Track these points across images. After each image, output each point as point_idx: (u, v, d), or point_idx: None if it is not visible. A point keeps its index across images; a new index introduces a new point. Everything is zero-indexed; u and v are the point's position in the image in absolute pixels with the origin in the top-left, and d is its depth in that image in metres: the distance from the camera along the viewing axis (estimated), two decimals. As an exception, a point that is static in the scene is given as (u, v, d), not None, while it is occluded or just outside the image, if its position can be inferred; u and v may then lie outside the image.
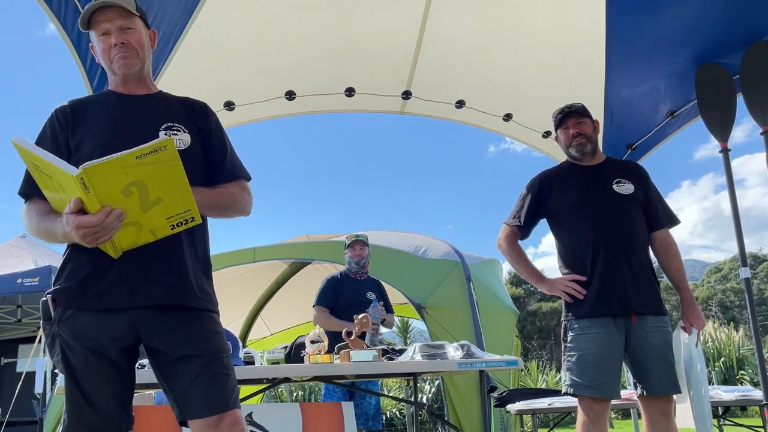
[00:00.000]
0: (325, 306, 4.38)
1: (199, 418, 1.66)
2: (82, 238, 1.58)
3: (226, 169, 1.91)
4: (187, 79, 3.72)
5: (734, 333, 11.52)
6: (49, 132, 1.84)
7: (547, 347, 20.09)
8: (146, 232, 1.65)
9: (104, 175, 1.51)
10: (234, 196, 1.88)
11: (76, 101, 1.91)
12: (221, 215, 1.89)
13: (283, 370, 3.11)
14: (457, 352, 3.25)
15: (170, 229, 1.66)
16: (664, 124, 4.54)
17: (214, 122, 1.96)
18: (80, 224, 1.55)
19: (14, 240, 8.00)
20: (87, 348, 1.71)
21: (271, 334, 9.24)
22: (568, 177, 2.85)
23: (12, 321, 8.70)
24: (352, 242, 4.48)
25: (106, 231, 1.57)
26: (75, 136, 1.82)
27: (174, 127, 1.83)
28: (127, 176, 1.52)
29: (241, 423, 1.70)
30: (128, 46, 1.84)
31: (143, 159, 1.50)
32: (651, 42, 3.95)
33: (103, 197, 1.54)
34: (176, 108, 1.91)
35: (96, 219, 1.54)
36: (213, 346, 1.75)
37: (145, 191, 1.56)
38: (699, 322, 2.69)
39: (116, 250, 1.67)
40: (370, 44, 4.12)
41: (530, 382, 11.25)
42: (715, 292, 28.75)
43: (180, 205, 1.62)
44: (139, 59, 1.87)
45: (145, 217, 1.61)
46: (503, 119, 4.69)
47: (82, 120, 1.84)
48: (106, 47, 1.84)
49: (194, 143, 1.86)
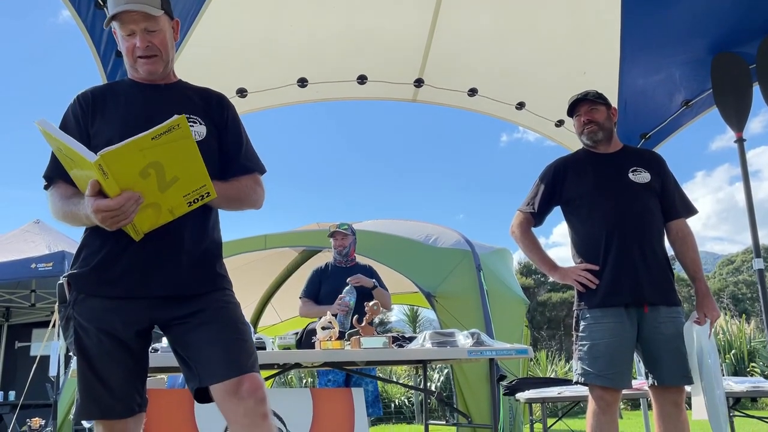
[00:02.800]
0: (309, 297, 4.44)
1: (218, 381, 1.65)
2: (102, 222, 1.60)
3: (241, 161, 1.92)
4: (200, 66, 3.72)
5: (746, 325, 11.46)
6: (72, 117, 1.87)
7: (556, 338, 20.07)
8: (165, 212, 1.68)
9: (122, 160, 1.53)
10: (246, 189, 1.89)
11: (97, 89, 1.92)
12: (233, 208, 1.91)
13: (294, 356, 3.13)
14: (467, 340, 3.26)
15: (187, 206, 1.69)
16: (678, 114, 4.49)
17: (231, 114, 1.96)
18: (99, 208, 1.57)
19: (28, 225, 8.08)
20: (100, 330, 1.74)
21: (281, 321, 9.30)
22: (584, 165, 2.82)
23: (26, 305, 8.80)
24: (333, 233, 4.49)
25: (125, 215, 1.59)
26: (94, 124, 1.84)
27: (190, 119, 1.83)
28: (144, 158, 1.55)
29: (262, 388, 1.68)
30: (152, 48, 1.83)
31: (158, 139, 1.53)
32: (666, 30, 3.90)
33: (121, 181, 1.56)
34: (193, 99, 1.92)
35: (114, 203, 1.56)
36: (227, 314, 1.77)
37: (162, 171, 1.58)
38: (713, 314, 2.67)
39: (137, 233, 1.69)
40: (382, 31, 4.11)
41: (539, 372, 11.27)
42: (727, 284, 28.56)
43: (196, 181, 1.65)
44: (162, 61, 1.87)
45: (163, 198, 1.64)
46: (516, 108, 4.67)
47: (101, 109, 1.86)
48: (131, 47, 1.83)
49: (209, 135, 1.87)
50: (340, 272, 4.41)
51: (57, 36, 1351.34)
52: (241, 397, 1.64)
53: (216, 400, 1.68)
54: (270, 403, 1.71)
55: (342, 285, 3.97)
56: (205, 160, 1.65)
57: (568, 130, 4.57)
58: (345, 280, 4.10)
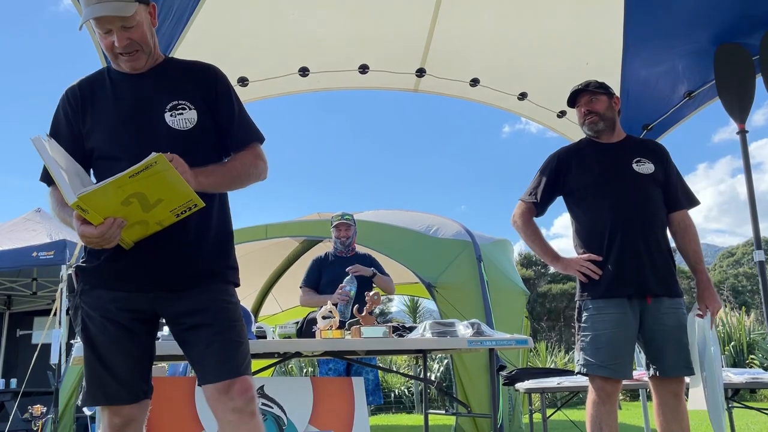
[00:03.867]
0: (310, 286, 4.50)
1: (211, 383, 1.72)
2: (88, 245, 1.66)
3: (236, 134, 1.90)
4: (200, 54, 3.68)
5: (745, 317, 11.48)
6: (62, 116, 1.86)
7: (556, 329, 20.11)
8: (153, 224, 1.69)
9: (101, 198, 1.55)
10: (246, 166, 1.87)
11: (84, 82, 1.90)
12: (236, 188, 1.90)
13: (295, 345, 3.13)
14: (468, 330, 3.26)
15: (175, 218, 1.69)
16: (681, 105, 4.47)
17: (221, 86, 1.92)
18: (84, 234, 1.62)
19: (29, 214, 8.08)
20: (107, 319, 1.77)
21: (282, 310, 9.32)
22: (587, 154, 2.81)
23: (27, 294, 8.82)
24: (337, 224, 4.54)
25: (108, 240, 1.62)
26: (85, 124, 1.84)
27: (179, 106, 1.82)
28: (123, 192, 1.56)
29: (252, 389, 1.74)
30: (132, 44, 1.79)
31: (136, 177, 1.53)
32: (669, 21, 3.88)
33: (103, 212, 1.58)
34: (181, 81, 1.89)
35: (97, 232, 1.60)
36: (226, 315, 1.79)
37: (144, 198, 1.59)
38: (715, 305, 2.66)
39: (126, 245, 1.72)
40: (384, 20, 4.08)
41: (539, 363, 11.31)
42: (727, 277, 28.59)
43: (180, 199, 1.64)
44: (144, 54, 1.84)
45: (149, 216, 1.65)
46: (518, 98, 4.65)
47: (90, 105, 1.85)
48: (109, 44, 1.78)
49: (202, 118, 1.85)
50: (341, 262, 4.45)
51: (58, 24, 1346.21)
52: (231, 396, 1.70)
53: (206, 397, 1.74)
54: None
55: (342, 274, 3.99)
56: (201, 145, 1.65)
57: (570, 121, 4.55)
58: (345, 269, 4.13)
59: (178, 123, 1.80)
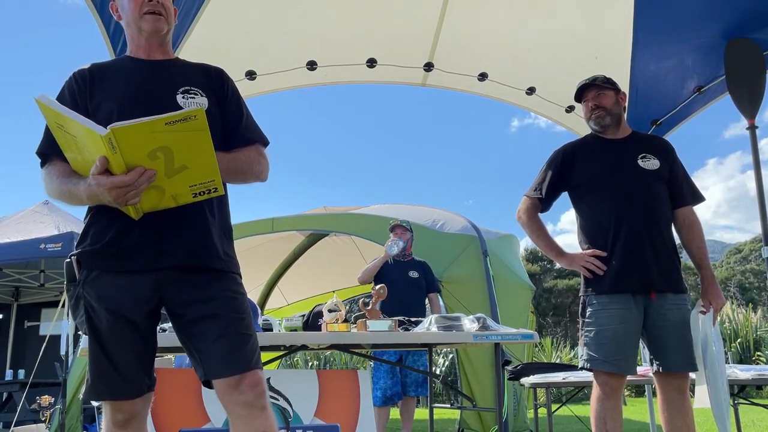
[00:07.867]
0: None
1: (221, 377, 1.69)
2: (115, 198, 1.57)
3: (242, 133, 1.91)
4: (208, 48, 3.71)
5: (752, 314, 11.44)
6: (67, 94, 1.84)
7: (562, 324, 20.09)
8: (168, 197, 1.65)
9: (132, 137, 1.50)
10: (250, 161, 1.87)
11: (95, 65, 1.91)
12: (236, 181, 1.88)
13: (301, 338, 3.14)
14: (473, 324, 3.27)
15: (192, 197, 1.66)
16: (690, 100, 4.44)
17: (231, 87, 1.96)
18: (113, 185, 1.54)
19: (37, 206, 8.11)
20: (110, 311, 1.73)
21: (288, 304, 9.35)
22: (593, 150, 2.80)
23: (35, 285, 8.87)
24: (394, 226, 4.93)
25: (134, 194, 1.57)
26: (93, 100, 1.82)
27: (191, 91, 1.84)
28: (155, 141, 1.51)
29: (262, 383, 1.71)
30: (160, 6, 1.86)
31: (173, 126, 1.49)
32: (680, 15, 3.85)
33: (129, 159, 1.53)
34: (193, 73, 1.92)
35: (129, 179, 1.54)
36: (235, 307, 1.76)
37: (170, 157, 1.55)
38: (718, 301, 2.66)
39: (138, 212, 1.67)
40: (392, 14, 4.07)
41: (544, 359, 11.31)
42: (735, 273, 28.44)
43: (204, 175, 1.61)
44: (167, 23, 1.90)
45: (168, 183, 1.61)
46: (526, 93, 4.63)
47: (100, 84, 1.84)
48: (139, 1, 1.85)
49: (211, 107, 1.85)
50: (398, 265, 4.84)
51: (69, 17, 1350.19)
52: (242, 391, 1.67)
53: (217, 391, 1.71)
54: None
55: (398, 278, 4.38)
56: None
57: (578, 116, 4.53)
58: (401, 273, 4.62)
59: (189, 105, 1.80)
